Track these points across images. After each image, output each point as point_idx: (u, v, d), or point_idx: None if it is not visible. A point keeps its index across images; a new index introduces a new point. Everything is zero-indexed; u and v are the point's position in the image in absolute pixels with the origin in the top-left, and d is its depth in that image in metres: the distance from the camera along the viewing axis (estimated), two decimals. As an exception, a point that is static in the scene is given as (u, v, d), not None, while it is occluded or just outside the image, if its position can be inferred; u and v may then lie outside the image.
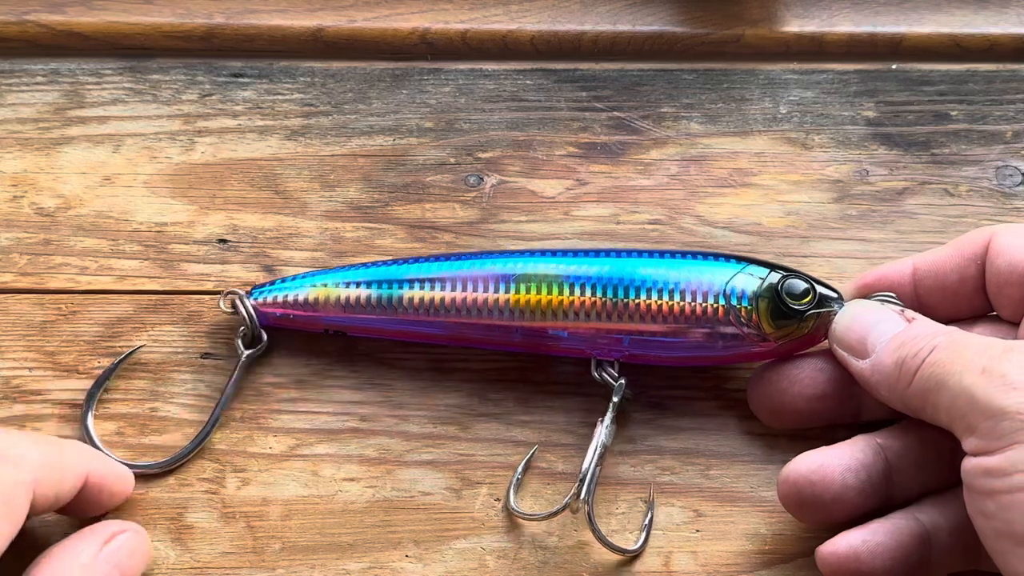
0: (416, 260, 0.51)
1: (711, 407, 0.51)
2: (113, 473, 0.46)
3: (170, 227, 0.55)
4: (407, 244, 0.55)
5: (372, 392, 0.51)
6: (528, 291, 0.49)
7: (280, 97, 0.60)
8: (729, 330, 0.48)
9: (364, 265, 0.51)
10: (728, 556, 0.47)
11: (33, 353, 0.52)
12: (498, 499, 0.49)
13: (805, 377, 0.48)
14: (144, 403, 0.51)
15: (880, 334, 0.45)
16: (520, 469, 0.49)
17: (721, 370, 0.51)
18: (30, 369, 0.51)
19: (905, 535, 0.43)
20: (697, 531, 0.48)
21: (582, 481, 0.46)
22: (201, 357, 0.52)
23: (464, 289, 0.49)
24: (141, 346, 0.51)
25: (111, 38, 0.60)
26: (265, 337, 0.51)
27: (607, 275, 0.48)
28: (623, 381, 0.49)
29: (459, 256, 0.51)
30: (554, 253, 0.50)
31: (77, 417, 0.50)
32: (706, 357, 0.49)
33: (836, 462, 0.44)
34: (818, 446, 0.45)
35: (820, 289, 0.48)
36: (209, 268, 0.54)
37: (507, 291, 0.49)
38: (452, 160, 0.58)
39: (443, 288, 0.49)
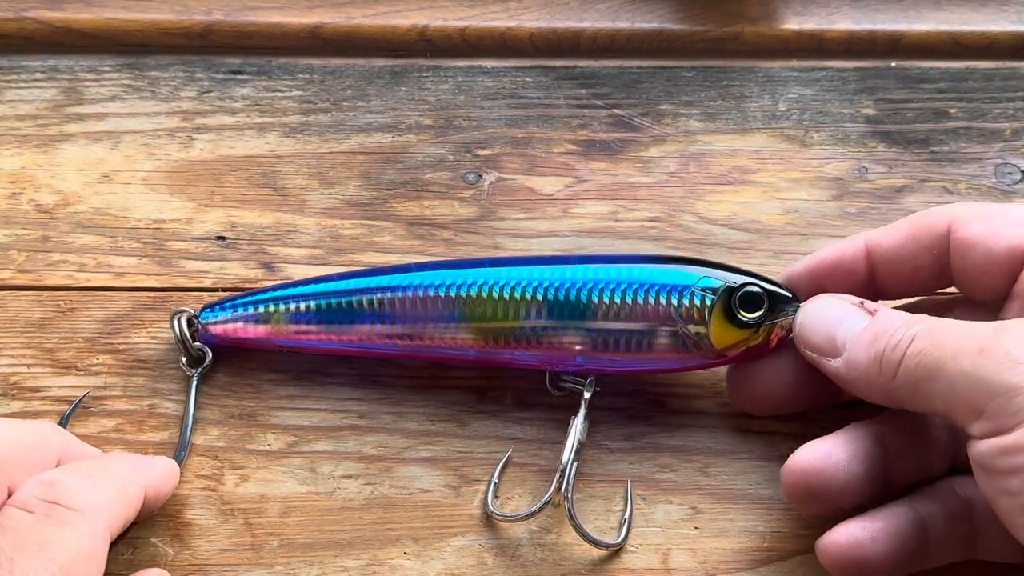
0: (363, 276, 0.50)
1: (709, 404, 0.51)
2: (163, 473, 0.46)
3: (168, 224, 0.55)
4: (406, 241, 0.55)
5: (370, 389, 0.51)
6: (476, 318, 0.48)
7: (279, 94, 0.59)
8: (681, 345, 0.47)
9: (311, 286, 0.50)
10: (727, 553, 0.47)
11: (31, 350, 0.52)
12: (496, 496, 0.49)
13: (783, 363, 0.47)
14: (143, 400, 0.51)
15: (848, 330, 0.43)
16: (496, 473, 0.49)
17: (720, 367, 0.51)
18: (28, 366, 0.51)
19: (903, 522, 0.43)
20: (695, 528, 0.48)
21: (561, 475, 0.46)
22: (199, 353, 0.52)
23: (412, 320, 0.48)
24: (87, 393, 0.51)
25: (110, 35, 0.60)
26: (209, 354, 0.51)
27: (557, 294, 0.47)
28: (592, 378, 0.49)
29: (407, 269, 0.50)
30: (503, 263, 0.49)
31: (75, 415, 0.50)
32: (661, 369, 0.49)
33: (842, 451, 0.44)
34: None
35: (774, 289, 0.47)
36: (207, 265, 0.54)
37: (455, 318, 0.48)
38: (451, 157, 0.58)
39: (390, 318, 0.49)
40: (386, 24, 0.61)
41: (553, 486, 0.47)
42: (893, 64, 0.61)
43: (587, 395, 0.49)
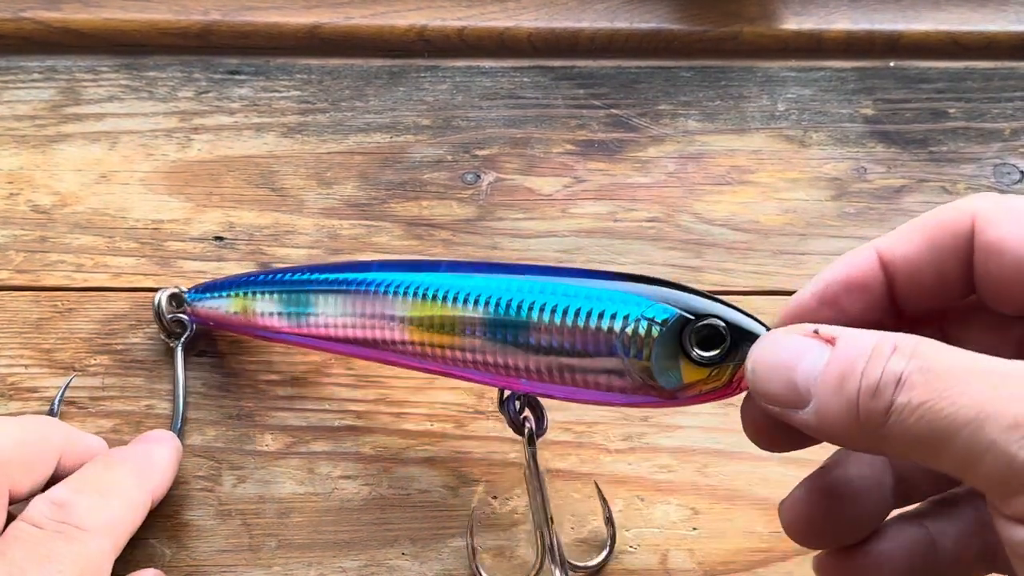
0: (324, 270, 0.48)
1: (708, 404, 0.51)
2: (170, 470, 0.47)
3: (166, 224, 0.55)
4: (404, 242, 0.55)
5: (369, 389, 0.51)
6: (420, 324, 0.44)
7: (277, 94, 0.59)
8: (627, 382, 0.40)
9: (282, 275, 0.49)
10: (725, 554, 0.47)
11: (29, 351, 0.52)
12: (495, 496, 0.49)
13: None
14: (140, 400, 0.51)
15: (809, 369, 0.34)
16: (470, 536, 0.47)
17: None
18: (26, 366, 0.51)
19: (909, 541, 0.39)
20: (694, 529, 0.48)
21: (548, 552, 0.45)
22: (196, 355, 0.52)
23: (361, 319, 0.46)
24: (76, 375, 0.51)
25: (107, 35, 0.60)
26: (191, 325, 0.51)
27: (499, 308, 0.42)
28: (531, 426, 0.46)
29: (367, 267, 0.47)
30: (459, 268, 0.44)
31: (73, 415, 0.50)
32: (607, 403, 0.42)
33: (835, 489, 0.39)
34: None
35: (741, 323, 0.38)
36: (205, 265, 0.54)
37: (400, 322, 0.45)
38: (449, 157, 0.58)
39: (342, 323, 0.46)
40: (384, 24, 0.61)
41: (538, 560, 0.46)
42: (892, 64, 0.61)
43: (529, 449, 0.46)
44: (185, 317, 0.51)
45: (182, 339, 0.51)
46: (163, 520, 0.48)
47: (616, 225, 0.56)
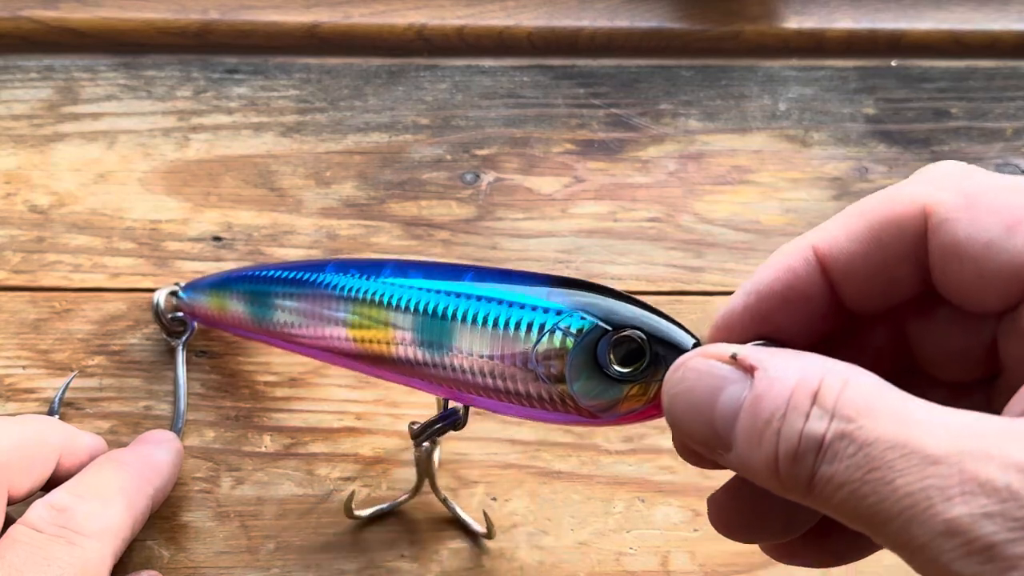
0: (284, 269, 0.47)
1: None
2: (169, 474, 0.47)
3: (164, 224, 0.55)
4: (403, 242, 0.55)
5: (367, 391, 0.51)
6: (361, 325, 0.42)
7: (275, 94, 0.59)
8: (545, 397, 0.37)
9: (253, 272, 0.48)
10: (726, 556, 0.47)
11: (26, 351, 0.51)
12: (494, 498, 0.48)
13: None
14: (138, 401, 0.50)
15: (727, 410, 0.29)
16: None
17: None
18: (23, 367, 0.51)
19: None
20: (695, 530, 0.48)
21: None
22: (195, 355, 0.52)
23: (312, 316, 0.44)
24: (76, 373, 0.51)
25: (105, 34, 0.60)
26: (193, 324, 0.51)
27: (423, 324, 0.40)
28: (428, 446, 0.45)
29: (321, 267, 0.45)
30: (394, 272, 0.42)
31: (70, 416, 0.50)
32: (537, 419, 0.39)
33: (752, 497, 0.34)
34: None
35: (667, 334, 0.35)
36: (204, 266, 0.54)
37: (344, 324, 0.43)
38: (448, 157, 0.57)
39: (297, 313, 0.45)
40: (383, 23, 0.61)
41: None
42: (894, 63, 0.61)
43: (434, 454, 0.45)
44: (183, 315, 0.51)
45: (183, 338, 0.51)
46: (161, 522, 0.48)
47: (616, 225, 0.55)
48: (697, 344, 0.34)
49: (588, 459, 0.49)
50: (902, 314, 0.33)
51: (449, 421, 0.43)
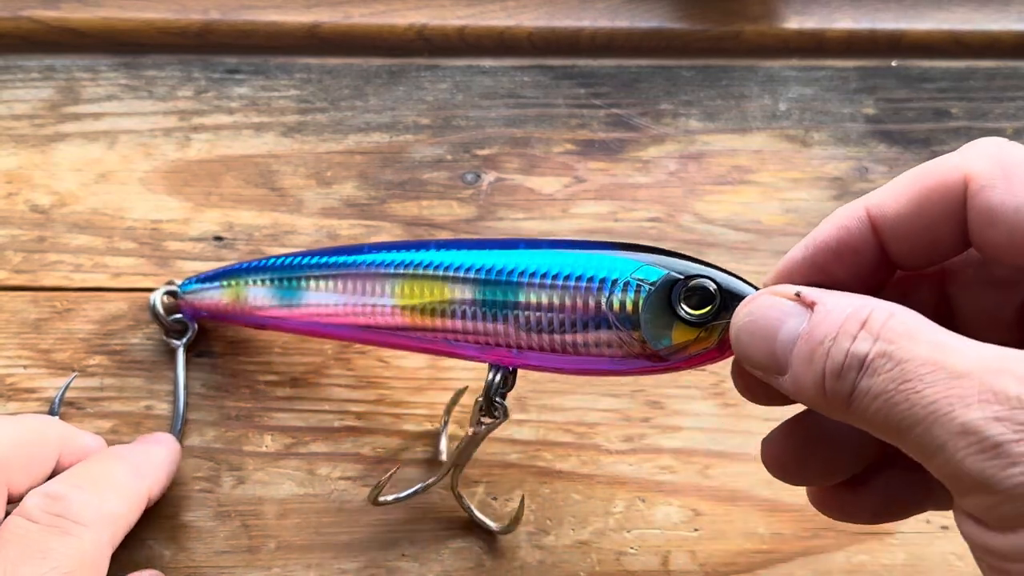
0: (314, 255, 0.48)
1: (710, 405, 0.50)
2: (167, 470, 0.46)
3: (165, 224, 0.55)
4: (404, 241, 0.55)
5: (368, 390, 0.51)
6: (411, 298, 0.44)
7: (276, 94, 0.59)
8: (617, 344, 0.40)
9: (273, 260, 0.49)
10: (727, 555, 0.47)
11: (27, 351, 0.51)
12: (495, 497, 0.48)
13: None
14: (139, 401, 0.50)
15: (787, 339, 0.34)
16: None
17: (721, 367, 0.51)
18: (24, 367, 0.51)
19: (896, 480, 0.39)
20: (695, 530, 0.48)
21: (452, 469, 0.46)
22: (196, 355, 0.52)
23: (354, 293, 0.45)
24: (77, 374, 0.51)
25: (106, 34, 0.60)
26: (193, 325, 0.51)
27: (487, 287, 0.42)
28: (486, 425, 0.45)
29: (353, 251, 0.47)
30: (448, 246, 0.44)
31: (71, 415, 0.50)
32: (598, 371, 0.42)
33: (811, 431, 0.39)
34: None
35: (731, 284, 0.39)
36: (204, 266, 0.54)
37: (390, 296, 0.44)
38: (449, 157, 0.58)
39: (335, 295, 0.46)
40: (384, 23, 0.61)
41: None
42: (894, 63, 0.61)
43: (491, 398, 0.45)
44: (182, 316, 0.51)
45: (184, 340, 0.51)
46: (162, 521, 0.48)
47: (617, 225, 0.55)
48: (752, 286, 0.39)
49: (588, 459, 0.49)
50: (945, 275, 0.38)
51: (507, 385, 0.44)
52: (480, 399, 0.44)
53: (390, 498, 0.46)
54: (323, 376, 0.51)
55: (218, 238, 0.55)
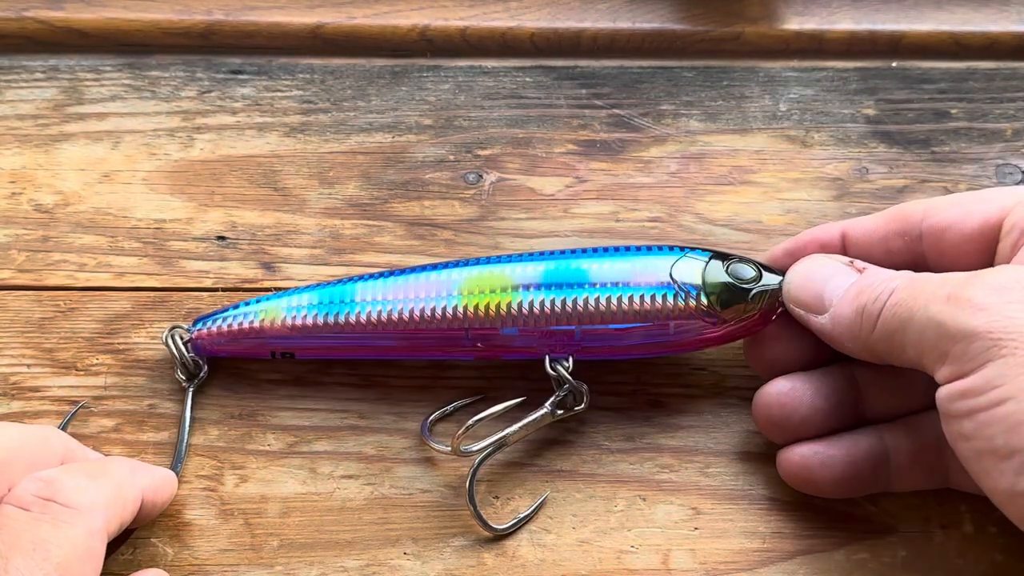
0: (360, 278, 0.50)
1: (710, 404, 0.51)
2: (161, 480, 0.46)
3: (169, 224, 0.55)
4: (406, 241, 0.55)
5: (371, 389, 0.51)
6: (475, 294, 0.48)
7: (279, 94, 0.59)
8: (678, 316, 0.47)
9: (306, 288, 0.50)
10: (727, 554, 0.47)
11: (31, 350, 0.52)
12: (496, 496, 0.49)
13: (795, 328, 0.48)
14: (143, 400, 0.51)
15: (835, 287, 0.45)
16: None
17: (720, 367, 0.51)
18: (28, 366, 0.51)
19: (861, 450, 0.46)
20: (695, 529, 0.48)
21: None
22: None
23: (411, 297, 0.49)
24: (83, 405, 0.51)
25: (110, 35, 0.60)
26: (205, 366, 0.51)
27: (552, 272, 0.48)
28: (571, 386, 0.49)
29: (404, 271, 0.50)
30: (499, 259, 0.50)
31: (76, 413, 0.50)
32: (659, 345, 0.48)
33: (806, 385, 0.47)
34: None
35: (763, 262, 0.49)
36: (208, 265, 0.54)
37: (454, 295, 0.48)
38: (451, 157, 0.58)
39: (391, 300, 0.49)
40: (387, 24, 0.61)
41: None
42: (894, 64, 0.61)
43: (561, 394, 0.48)
44: (196, 355, 0.51)
45: (195, 381, 0.51)
46: (165, 520, 0.48)
47: (618, 225, 0.56)
48: (780, 273, 0.48)
49: (589, 457, 0.49)
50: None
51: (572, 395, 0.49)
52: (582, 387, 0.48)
53: (477, 446, 0.47)
54: (326, 375, 0.51)
55: (221, 237, 0.55)
